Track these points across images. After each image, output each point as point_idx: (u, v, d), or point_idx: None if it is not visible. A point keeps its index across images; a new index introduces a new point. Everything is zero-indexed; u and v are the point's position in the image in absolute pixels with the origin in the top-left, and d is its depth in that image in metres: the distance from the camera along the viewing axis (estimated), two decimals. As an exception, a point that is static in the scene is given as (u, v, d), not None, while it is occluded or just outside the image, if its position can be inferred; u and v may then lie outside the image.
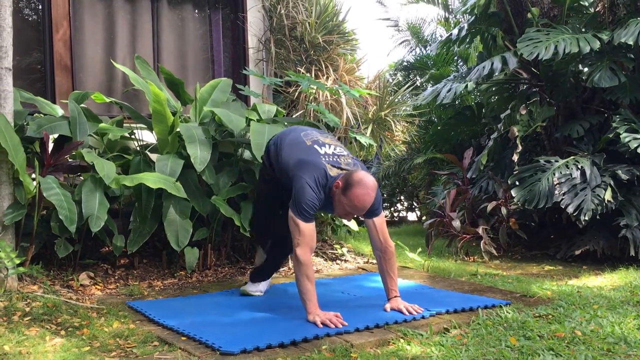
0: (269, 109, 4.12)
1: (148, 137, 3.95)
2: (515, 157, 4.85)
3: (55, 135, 3.49)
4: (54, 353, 2.23)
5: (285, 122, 4.07)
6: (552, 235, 5.05)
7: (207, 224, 3.77)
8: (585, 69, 4.70)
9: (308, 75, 4.57)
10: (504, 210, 4.79)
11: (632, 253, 4.15)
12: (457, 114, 6.57)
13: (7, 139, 2.92)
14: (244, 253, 4.14)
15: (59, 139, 3.51)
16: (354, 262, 4.46)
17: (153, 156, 3.74)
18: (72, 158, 3.54)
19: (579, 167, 4.43)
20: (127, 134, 3.86)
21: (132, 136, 3.91)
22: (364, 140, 4.43)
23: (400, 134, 5.73)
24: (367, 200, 2.63)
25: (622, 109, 4.59)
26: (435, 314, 2.80)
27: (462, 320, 2.70)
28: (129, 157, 3.71)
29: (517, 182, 4.65)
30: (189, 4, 5.05)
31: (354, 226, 4.51)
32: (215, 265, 3.90)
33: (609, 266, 4.20)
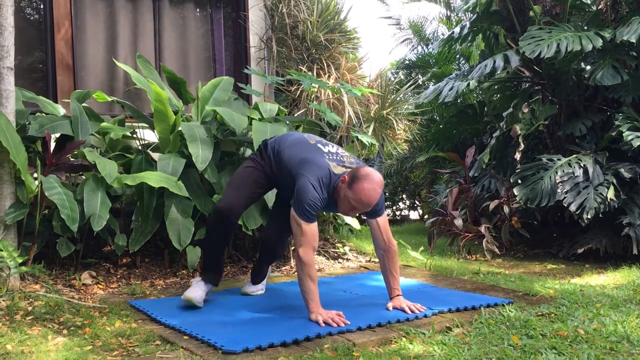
0: (270, 107, 4.12)
1: (150, 136, 3.96)
2: (517, 156, 4.84)
3: (57, 135, 3.50)
4: (56, 352, 2.23)
5: (287, 121, 4.07)
6: (554, 234, 5.04)
7: (209, 223, 3.77)
8: (588, 67, 4.69)
9: (310, 73, 4.56)
10: (506, 209, 4.78)
11: (634, 251, 4.14)
12: (459, 113, 6.56)
13: (9, 139, 2.92)
14: (245, 252, 4.14)
15: (61, 138, 3.52)
16: (356, 260, 4.46)
17: (155, 155, 3.75)
18: (74, 157, 3.55)
19: (582, 165, 4.42)
20: (129, 133, 3.87)
21: (134, 135, 3.91)
22: (366, 139, 4.43)
23: (402, 132, 5.72)
24: (373, 195, 2.60)
25: (624, 107, 4.58)
26: (438, 313, 2.80)
27: (464, 319, 2.70)
28: (131, 156, 3.71)
29: (519, 181, 4.64)
30: (190, 3, 5.05)
31: (356, 225, 4.50)
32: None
33: (612, 265, 4.19)
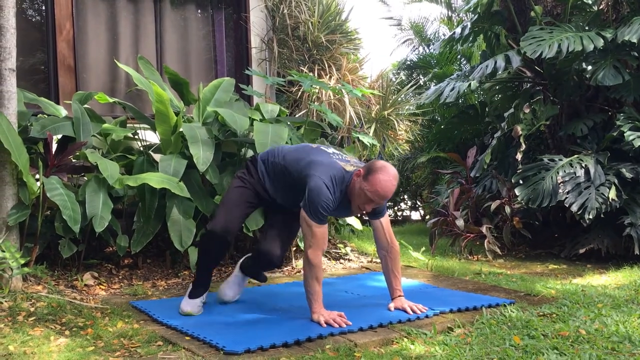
0: (272, 108, 4.12)
1: (151, 137, 3.96)
2: (519, 156, 4.84)
3: (59, 136, 3.51)
4: (59, 353, 2.23)
5: (288, 122, 4.07)
6: (556, 234, 5.03)
7: (210, 223, 3.77)
8: (589, 67, 4.68)
9: (311, 74, 4.57)
10: (507, 209, 4.78)
11: (636, 252, 4.13)
12: (460, 113, 6.56)
13: (11, 140, 2.92)
14: (246, 252, 4.13)
15: (63, 140, 3.52)
16: (357, 261, 4.46)
17: (156, 156, 3.75)
18: (75, 158, 3.55)
19: (583, 165, 4.42)
20: (131, 134, 3.87)
21: (136, 136, 3.91)
22: (367, 140, 4.42)
23: (404, 133, 5.73)
24: (389, 187, 2.56)
25: (626, 107, 4.57)
26: (439, 313, 2.80)
27: (466, 320, 2.70)
28: (133, 158, 3.72)
29: (520, 181, 4.64)
30: (191, 4, 5.05)
31: (357, 225, 4.50)
32: (218, 265, 3.89)
33: (613, 265, 4.19)
